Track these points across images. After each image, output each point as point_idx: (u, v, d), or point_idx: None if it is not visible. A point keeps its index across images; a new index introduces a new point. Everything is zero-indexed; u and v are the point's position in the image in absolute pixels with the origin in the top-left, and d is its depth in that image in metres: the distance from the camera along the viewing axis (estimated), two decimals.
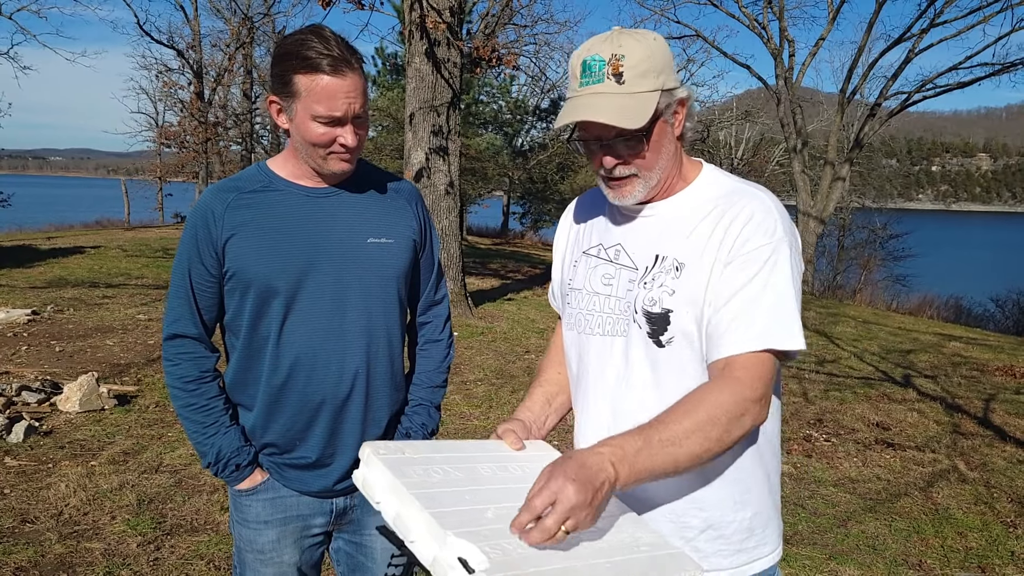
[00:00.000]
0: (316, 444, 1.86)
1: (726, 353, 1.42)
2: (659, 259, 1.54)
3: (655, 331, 1.51)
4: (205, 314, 1.83)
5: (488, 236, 31.40)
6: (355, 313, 1.83)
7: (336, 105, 1.66)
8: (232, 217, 1.76)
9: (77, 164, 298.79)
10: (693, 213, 1.54)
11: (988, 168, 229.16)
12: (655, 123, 1.48)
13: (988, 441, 6.03)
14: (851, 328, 11.87)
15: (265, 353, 1.81)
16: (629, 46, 1.45)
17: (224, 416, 1.85)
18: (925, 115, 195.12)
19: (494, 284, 13.82)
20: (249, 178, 1.84)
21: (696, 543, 1.55)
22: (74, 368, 6.41)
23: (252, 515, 1.89)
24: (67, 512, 3.92)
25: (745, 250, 1.44)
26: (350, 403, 1.85)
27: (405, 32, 9.54)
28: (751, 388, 1.38)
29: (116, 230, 22.16)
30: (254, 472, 1.88)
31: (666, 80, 1.48)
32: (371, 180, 1.91)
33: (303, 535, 1.94)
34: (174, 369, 1.83)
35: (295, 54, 1.65)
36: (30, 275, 11.46)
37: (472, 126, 25.05)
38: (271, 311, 1.79)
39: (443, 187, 9.57)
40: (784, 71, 21.14)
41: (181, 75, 27.09)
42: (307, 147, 1.73)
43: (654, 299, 1.51)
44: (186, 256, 1.80)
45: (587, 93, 1.47)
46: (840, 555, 3.98)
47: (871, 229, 32.90)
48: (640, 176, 1.53)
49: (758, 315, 1.41)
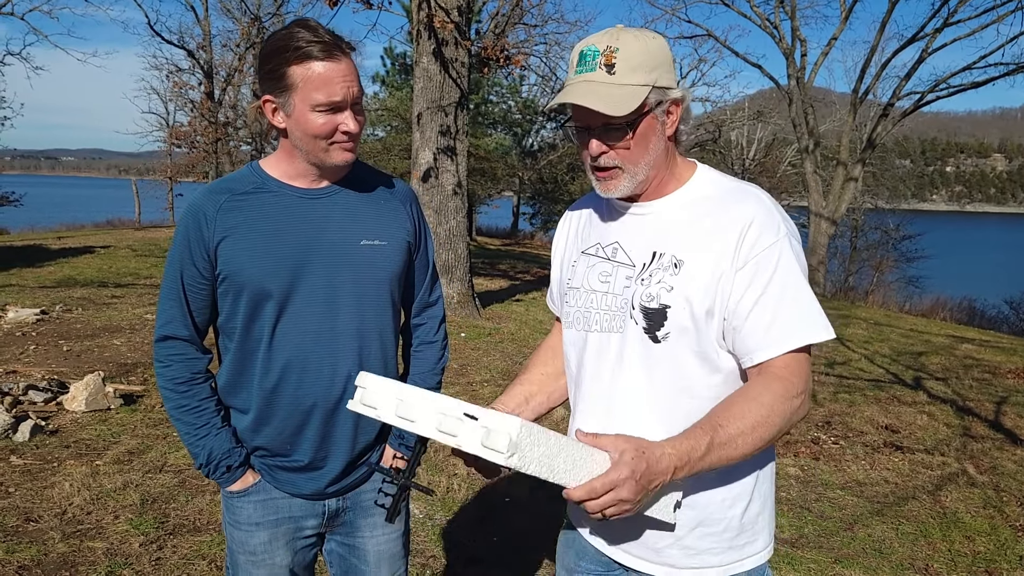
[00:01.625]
0: (308, 447, 1.85)
1: (765, 357, 1.47)
2: (656, 256, 1.56)
3: (651, 326, 1.54)
4: (197, 316, 1.82)
5: (498, 237, 31.41)
6: (347, 315, 1.81)
7: (335, 90, 1.65)
8: (224, 219, 1.75)
9: (89, 164, 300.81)
10: (691, 211, 1.57)
11: (1003, 169, 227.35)
12: (642, 117, 1.50)
13: (998, 444, 5.96)
14: (862, 330, 11.79)
15: (257, 356, 1.80)
16: (626, 40, 1.49)
17: (215, 418, 1.84)
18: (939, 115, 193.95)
19: (502, 285, 13.81)
20: (241, 179, 1.82)
21: (686, 540, 1.58)
22: (81, 368, 6.43)
23: (244, 517, 1.88)
24: (71, 511, 3.93)
25: (755, 252, 1.48)
26: (342, 406, 1.83)
27: (413, 32, 9.54)
28: (795, 386, 1.44)
29: (127, 230, 22.30)
30: (246, 474, 1.87)
31: (659, 77, 1.50)
32: (365, 181, 1.90)
33: (295, 537, 1.93)
34: (165, 371, 1.83)
35: (285, 47, 1.63)
36: (40, 275, 11.53)
37: (481, 126, 25.07)
38: (264, 314, 1.77)
39: (451, 187, 9.56)
40: (796, 71, 21.05)
41: (192, 75, 27.22)
42: (309, 141, 1.71)
43: (652, 295, 1.54)
44: (178, 258, 1.78)
45: (579, 80, 1.51)
46: (846, 559, 3.94)
47: (884, 230, 32.72)
48: (624, 170, 1.55)
49: (787, 317, 1.46)
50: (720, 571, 1.58)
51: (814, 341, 1.46)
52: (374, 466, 1.58)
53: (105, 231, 21.79)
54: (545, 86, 25.50)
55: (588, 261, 1.70)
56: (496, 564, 3.68)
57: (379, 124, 24.42)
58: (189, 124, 27.23)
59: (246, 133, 26.66)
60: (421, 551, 3.77)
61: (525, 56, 13.09)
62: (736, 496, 1.57)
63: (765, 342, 1.46)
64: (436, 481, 4.51)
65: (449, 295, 9.80)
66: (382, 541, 2.00)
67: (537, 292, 12.99)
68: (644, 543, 1.61)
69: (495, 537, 3.98)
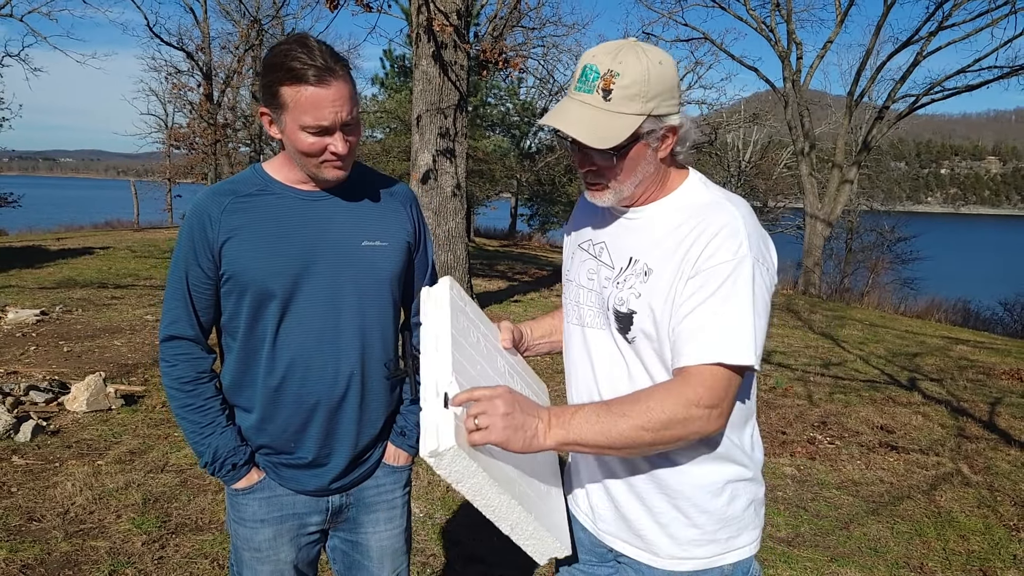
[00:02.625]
0: (312, 445, 1.88)
1: (683, 363, 1.48)
2: (632, 262, 1.62)
3: (621, 328, 1.60)
4: (202, 316, 1.85)
5: (496, 238, 31.40)
6: (350, 315, 1.85)
7: (323, 115, 1.67)
8: (229, 220, 1.78)
9: (87, 165, 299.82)
10: (668, 222, 1.60)
11: (997, 171, 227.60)
12: (633, 144, 1.52)
13: (993, 445, 6.01)
14: (858, 331, 11.84)
15: (261, 355, 1.83)
16: (629, 63, 1.48)
17: (220, 416, 1.87)
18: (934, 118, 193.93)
19: (501, 286, 13.83)
20: (245, 181, 1.85)
21: (671, 529, 1.63)
22: (82, 368, 6.46)
23: (248, 514, 1.91)
24: (73, 511, 3.96)
25: (709, 264, 1.48)
26: (345, 404, 1.88)
27: (412, 34, 9.57)
28: (698, 395, 1.44)
29: (125, 231, 22.28)
30: (251, 471, 1.90)
31: (658, 106, 1.50)
32: (366, 183, 1.94)
33: (299, 533, 1.96)
34: (171, 370, 1.85)
35: (279, 66, 1.66)
36: (39, 275, 11.54)
37: (480, 128, 25.08)
38: (267, 313, 1.80)
39: (450, 189, 9.59)
40: (792, 74, 21.11)
41: (190, 77, 27.19)
42: (300, 157, 1.76)
43: (622, 299, 1.60)
44: (183, 259, 1.81)
45: (575, 100, 1.52)
46: (842, 557, 3.98)
47: (879, 232, 32.74)
48: (611, 187, 1.59)
49: (713, 329, 1.46)
50: (704, 562, 1.63)
51: (730, 362, 1.44)
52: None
53: (104, 232, 21.77)
54: (543, 88, 25.62)
55: (581, 256, 1.77)
56: (497, 563, 3.72)
57: (378, 126, 24.45)
58: (188, 126, 27.21)
59: (245, 135, 26.66)
60: (421, 549, 3.80)
61: (523, 59, 13.13)
62: (718, 488, 1.62)
63: (686, 348, 1.47)
64: (436, 480, 4.55)
65: None
66: (385, 537, 2.04)
67: (535, 293, 13.02)
68: (632, 530, 1.68)
69: (495, 536, 4.00)
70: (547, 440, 1.44)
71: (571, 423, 1.45)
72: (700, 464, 1.60)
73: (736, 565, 1.65)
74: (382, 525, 2.03)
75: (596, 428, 1.44)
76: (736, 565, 1.65)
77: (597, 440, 1.44)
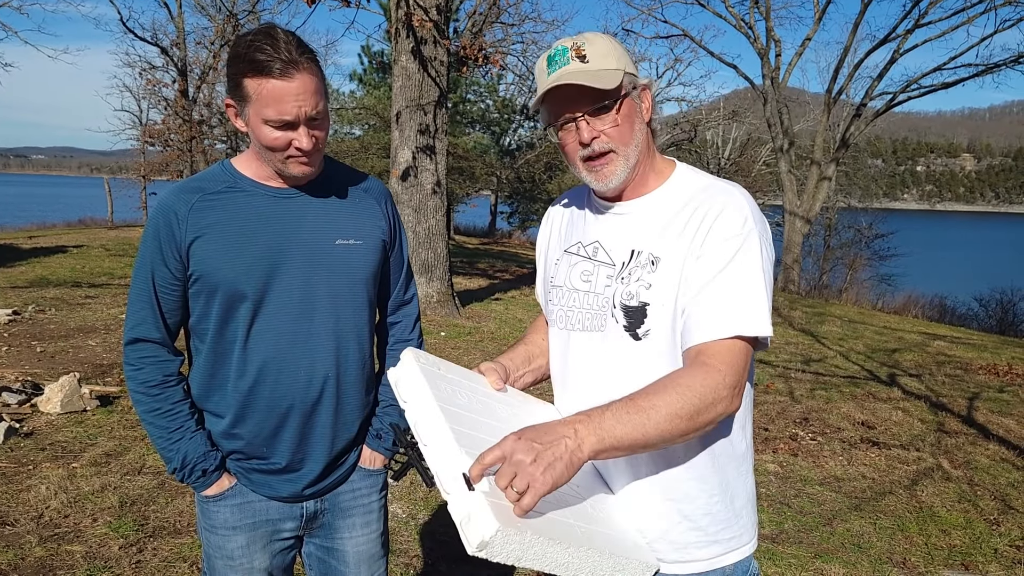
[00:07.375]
0: (285, 450, 1.83)
1: (698, 340, 1.46)
2: (635, 254, 1.59)
3: (632, 324, 1.56)
4: (168, 317, 1.79)
5: (476, 236, 31.38)
6: (323, 316, 1.80)
7: (285, 109, 1.62)
8: (196, 219, 1.72)
9: (60, 163, 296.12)
10: (667, 209, 1.59)
11: (972, 168, 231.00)
12: (624, 98, 1.55)
13: (972, 439, 6.06)
14: (837, 327, 11.93)
15: (232, 358, 1.77)
16: (590, 37, 1.57)
17: (189, 421, 1.81)
18: (910, 115, 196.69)
19: (482, 284, 13.80)
20: (213, 178, 1.79)
21: (672, 534, 1.59)
22: (56, 369, 6.33)
23: (220, 521, 1.86)
24: (48, 515, 3.87)
25: (716, 242, 1.49)
26: (320, 408, 1.82)
27: (391, 30, 9.50)
28: (722, 374, 1.41)
29: (99, 229, 21.99)
30: (221, 477, 1.84)
31: (627, 65, 1.57)
32: (339, 180, 1.88)
33: (273, 540, 1.90)
34: (136, 374, 1.79)
35: (243, 56, 1.61)
36: (11, 275, 11.33)
37: (459, 125, 25.04)
38: (238, 315, 1.75)
39: (430, 186, 9.54)
40: (771, 71, 21.25)
41: (165, 73, 26.80)
42: (264, 151, 1.70)
43: (631, 293, 1.56)
44: (148, 259, 1.75)
45: (555, 75, 1.54)
46: (825, 553, 3.99)
47: (857, 229, 33.07)
48: (618, 152, 1.57)
49: (728, 303, 1.46)
50: (706, 564, 1.60)
51: (749, 333, 1.44)
52: (393, 426, 1.57)
53: (77, 230, 21.47)
54: (522, 85, 25.52)
55: (570, 260, 1.72)
56: (483, 564, 3.67)
57: (356, 123, 24.32)
58: (163, 122, 26.82)
59: (221, 132, 26.37)
60: (404, 551, 3.75)
61: (503, 55, 13.09)
62: (719, 490, 1.59)
63: (702, 324, 1.45)
64: (418, 480, 4.50)
65: (429, 294, 9.78)
66: (361, 542, 1.98)
67: (516, 291, 13.00)
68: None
69: None
70: (584, 449, 1.30)
71: (603, 425, 1.32)
72: (701, 464, 1.57)
73: (737, 565, 1.63)
74: (358, 530, 1.98)
75: (629, 426, 1.33)
76: (737, 565, 1.63)
77: (634, 438, 1.34)
